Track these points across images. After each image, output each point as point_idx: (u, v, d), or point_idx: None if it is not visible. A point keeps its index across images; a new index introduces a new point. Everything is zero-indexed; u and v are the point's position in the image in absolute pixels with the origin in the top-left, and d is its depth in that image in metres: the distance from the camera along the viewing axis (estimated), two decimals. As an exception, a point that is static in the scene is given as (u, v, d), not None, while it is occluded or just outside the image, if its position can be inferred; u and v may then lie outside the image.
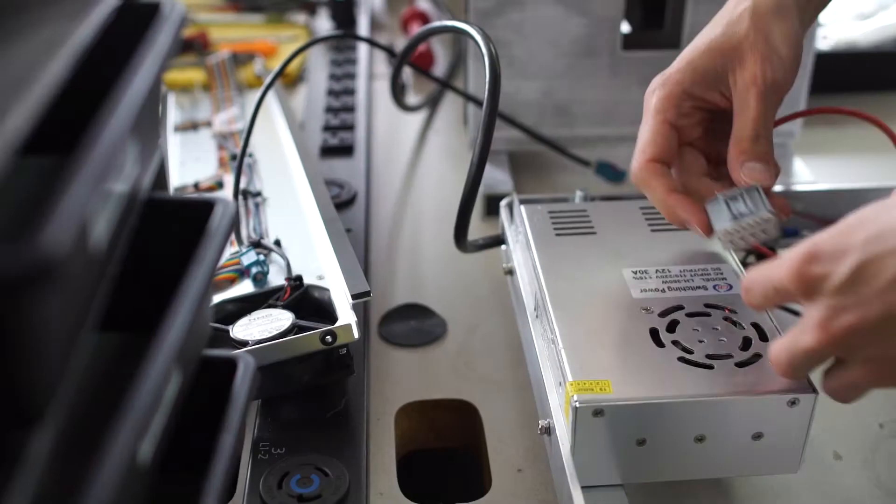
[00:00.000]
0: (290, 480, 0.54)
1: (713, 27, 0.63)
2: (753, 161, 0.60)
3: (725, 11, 0.63)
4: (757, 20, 0.60)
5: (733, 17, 0.61)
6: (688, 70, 0.63)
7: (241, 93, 1.02)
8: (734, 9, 0.62)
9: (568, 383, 0.52)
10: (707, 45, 0.62)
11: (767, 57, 0.60)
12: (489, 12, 0.87)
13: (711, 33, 0.62)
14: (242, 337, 0.59)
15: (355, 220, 0.81)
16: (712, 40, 0.62)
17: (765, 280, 0.51)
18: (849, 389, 0.51)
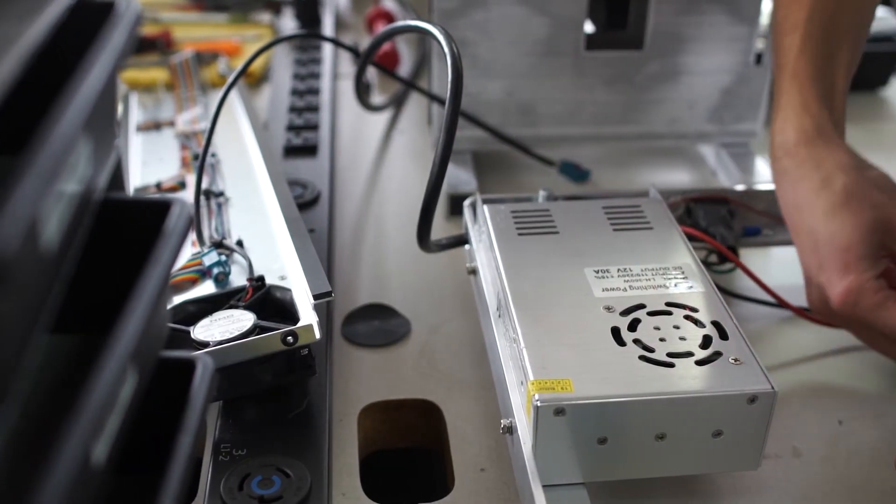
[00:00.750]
0: (251, 482, 0.54)
1: (840, 217, 0.65)
2: None
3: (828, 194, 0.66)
4: (861, 183, 0.65)
5: (842, 192, 0.65)
6: (865, 264, 0.64)
7: (205, 92, 1.02)
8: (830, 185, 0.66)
9: (529, 382, 0.52)
10: (859, 233, 0.64)
11: (886, 203, 0.65)
12: (453, 12, 0.87)
13: (847, 222, 0.64)
14: (203, 338, 0.58)
15: (318, 220, 0.81)
16: (856, 227, 0.64)
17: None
18: None
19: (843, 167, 0.66)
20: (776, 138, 0.71)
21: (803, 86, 0.70)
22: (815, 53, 0.71)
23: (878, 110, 1.15)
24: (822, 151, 0.67)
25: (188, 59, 1.08)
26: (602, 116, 0.95)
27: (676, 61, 0.92)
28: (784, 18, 0.73)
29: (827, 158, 0.67)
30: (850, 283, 0.64)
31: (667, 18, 0.90)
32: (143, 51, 1.18)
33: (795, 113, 0.70)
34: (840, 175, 0.66)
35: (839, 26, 0.72)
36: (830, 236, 0.65)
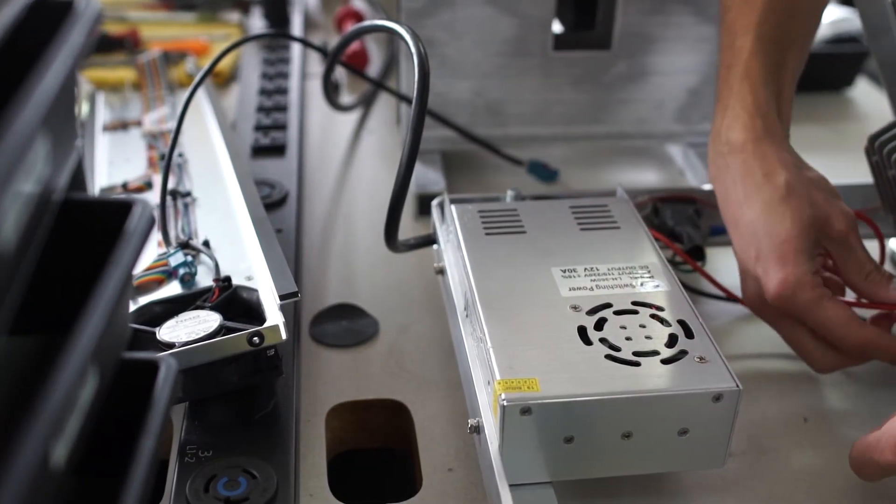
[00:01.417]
0: (216, 483, 0.53)
1: (780, 212, 0.66)
2: (893, 282, 0.65)
3: (770, 190, 0.67)
4: (801, 180, 0.67)
5: (784, 189, 0.66)
6: (802, 258, 0.65)
7: (173, 92, 1.01)
8: (772, 182, 0.67)
9: (496, 382, 0.52)
10: (797, 228, 0.65)
11: (835, 203, 0.66)
12: (420, 12, 0.87)
13: (788, 217, 0.65)
14: (169, 339, 0.58)
15: (286, 220, 0.81)
16: (795, 222, 0.65)
17: (873, 464, 0.56)
18: None
19: (787, 165, 0.67)
20: (723, 135, 0.71)
21: (755, 87, 0.71)
22: (766, 57, 0.72)
23: (844, 110, 1.16)
24: (768, 149, 0.69)
25: (156, 58, 1.07)
26: (570, 116, 0.95)
27: (644, 61, 0.93)
28: (735, 20, 0.74)
29: (771, 155, 0.68)
30: (787, 275, 0.65)
31: (634, 19, 0.90)
32: (110, 50, 1.17)
33: (747, 113, 0.70)
34: (782, 171, 0.67)
35: (789, 32, 0.73)
36: (769, 228, 0.66)
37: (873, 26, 0.74)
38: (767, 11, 0.72)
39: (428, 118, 0.91)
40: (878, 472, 0.57)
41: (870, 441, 0.56)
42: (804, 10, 0.74)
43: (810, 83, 1.15)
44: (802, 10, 0.74)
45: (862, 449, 0.57)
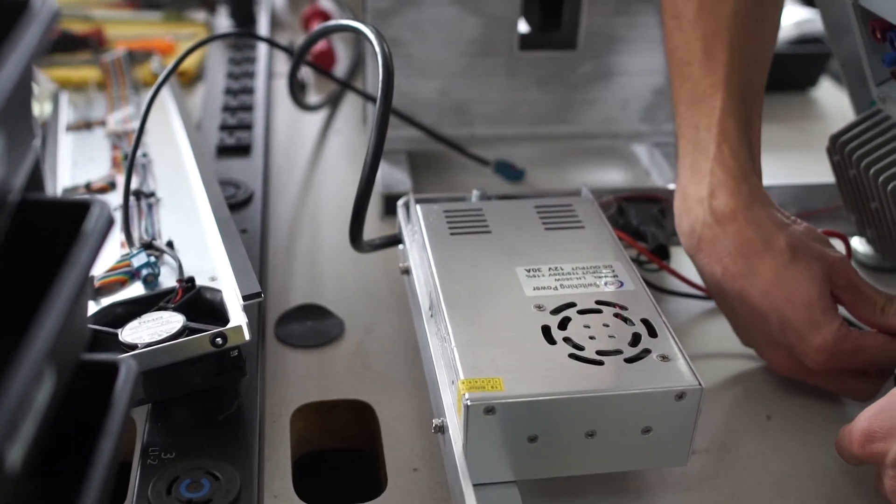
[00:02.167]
0: (179, 485, 0.53)
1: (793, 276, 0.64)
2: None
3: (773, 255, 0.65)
4: (799, 240, 0.65)
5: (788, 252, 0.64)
6: (828, 317, 0.64)
7: (138, 91, 1.00)
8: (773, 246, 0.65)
9: (459, 381, 0.52)
10: (815, 289, 0.64)
11: (831, 253, 0.65)
12: (386, 11, 0.87)
13: (802, 280, 0.64)
14: (131, 340, 0.57)
15: (251, 220, 0.80)
16: (812, 284, 0.64)
17: (847, 451, 0.58)
18: None
19: (781, 227, 0.65)
20: (706, 203, 0.67)
21: (734, 149, 0.68)
22: (738, 114, 0.69)
23: (808, 111, 1.17)
24: (760, 214, 0.66)
25: (120, 57, 1.07)
26: (536, 116, 0.96)
27: (609, 61, 0.93)
28: (701, 77, 0.70)
29: (765, 220, 0.66)
30: (826, 338, 0.63)
31: (600, 19, 0.91)
32: (74, 49, 1.16)
33: (733, 178, 0.67)
34: (780, 234, 0.65)
35: (753, 85, 0.71)
36: (788, 295, 0.64)
37: (834, 27, 0.75)
38: (732, 67, 0.69)
39: (394, 118, 0.91)
40: (852, 461, 0.58)
41: (844, 431, 0.58)
42: (762, 61, 0.72)
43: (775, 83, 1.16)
44: (761, 61, 0.72)
45: (840, 437, 0.58)
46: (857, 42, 0.70)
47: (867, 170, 0.67)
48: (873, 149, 0.68)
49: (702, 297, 0.76)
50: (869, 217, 0.72)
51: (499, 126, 0.95)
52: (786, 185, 0.89)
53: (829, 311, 0.63)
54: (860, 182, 0.70)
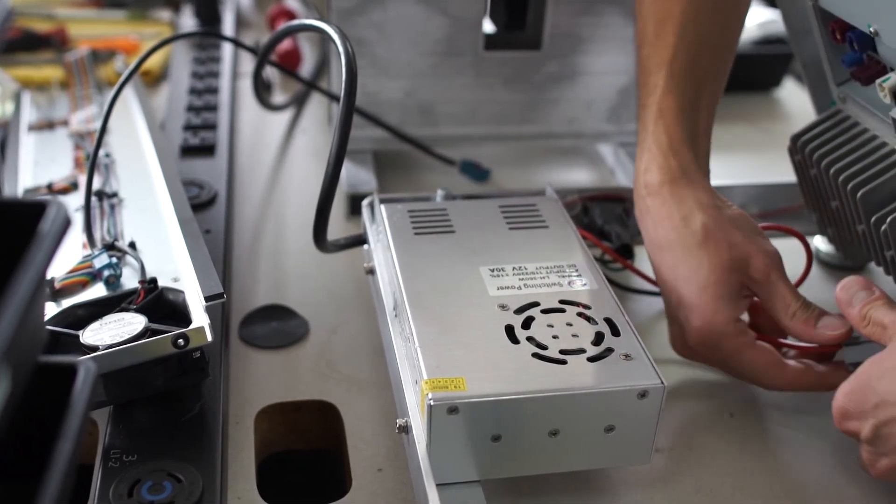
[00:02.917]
0: (141, 488, 0.53)
1: (698, 258, 0.65)
2: (821, 319, 0.64)
3: (686, 234, 0.66)
4: (719, 222, 0.65)
5: (701, 233, 0.65)
6: (722, 306, 0.64)
7: (101, 91, 1.00)
8: (689, 225, 0.66)
9: (423, 381, 0.52)
10: (715, 275, 0.64)
11: (755, 242, 0.65)
12: (351, 11, 0.87)
13: (705, 263, 0.65)
14: (93, 342, 0.57)
15: (215, 220, 0.80)
16: (713, 268, 0.64)
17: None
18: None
19: (703, 206, 0.66)
20: (640, 177, 0.70)
21: (669, 127, 0.70)
22: (680, 94, 0.70)
23: (772, 111, 1.18)
24: (685, 190, 0.67)
25: (84, 56, 1.06)
26: (502, 116, 0.96)
27: (574, 62, 0.93)
28: (648, 57, 0.72)
29: (688, 197, 0.67)
30: (707, 325, 0.64)
31: (564, 19, 0.91)
32: (36, 48, 1.15)
33: (662, 154, 0.69)
34: (699, 213, 0.66)
35: (702, 67, 0.71)
36: (688, 274, 0.65)
37: (795, 28, 0.75)
38: (678, 48, 0.70)
39: (359, 118, 0.91)
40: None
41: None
42: (717, 45, 0.72)
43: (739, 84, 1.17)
44: (715, 45, 0.72)
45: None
46: (817, 43, 0.70)
47: (827, 169, 0.68)
48: (833, 148, 0.69)
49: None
50: (830, 216, 0.73)
51: (464, 126, 0.95)
52: (749, 184, 0.90)
53: (722, 299, 0.64)
54: (821, 181, 0.71)
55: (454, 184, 0.92)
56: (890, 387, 0.54)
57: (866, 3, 0.62)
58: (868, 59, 0.65)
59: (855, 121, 0.69)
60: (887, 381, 0.54)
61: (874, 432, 0.55)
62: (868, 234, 0.66)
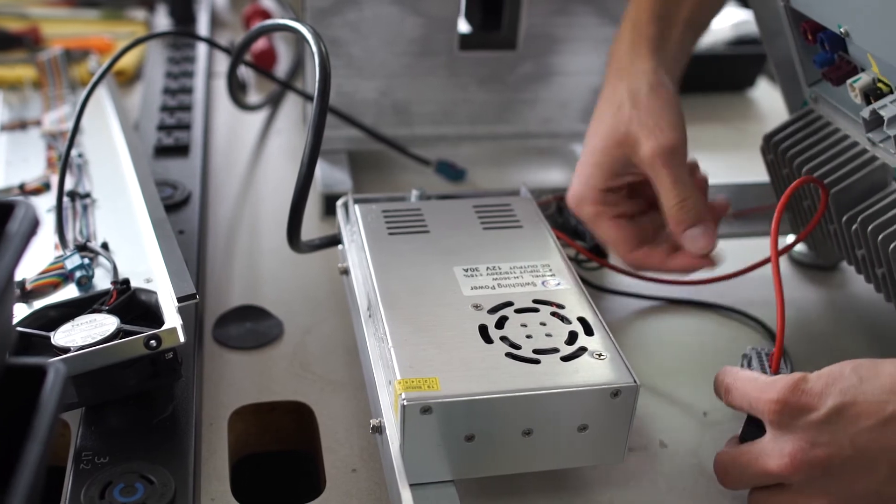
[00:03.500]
0: (112, 490, 0.52)
1: (600, 123, 0.69)
2: (690, 228, 0.66)
3: (605, 103, 0.69)
4: (635, 101, 0.67)
5: (615, 106, 0.68)
6: (596, 172, 0.68)
7: (74, 91, 0.99)
8: (613, 97, 0.69)
9: (396, 381, 0.52)
10: (602, 142, 0.68)
11: (654, 128, 0.66)
12: (326, 11, 0.87)
13: (601, 129, 0.68)
14: (64, 343, 0.57)
15: (189, 221, 0.79)
16: (605, 136, 0.68)
17: (745, 396, 0.55)
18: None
19: (632, 84, 0.68)
20: (610, 50, 0.74)
21: (639, 7, 0.72)
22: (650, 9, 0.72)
23: (745, 111, 1.18)
24: (626, 65, 0.70)
25: (57, 56, 1.05)
26: (477, 116, 0.96)
27: (549, 62, 0.94)
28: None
29: (626, 74, 0.70)
30: (576, 187, 0.70)
31: (539, 20, 0.91)
32: (9, 47, 1.14)
33: (625, 29, 0.72)
34: (623, 90, 0.68)
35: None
36: (586, 140, 0.70)
37: (768, 28, 0.76)
38: None
39: (334, 118, 0.91)
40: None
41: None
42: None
43: (713, 84, 1.18)
44: None
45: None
46: (789, 43, 0.71)
47: (799, 169, 0.68)
48: (805, 148, 0.69)
49: (638, 295, 0.77)
50: (802, 215, 0.73)
51: (439, 126, 0.95)
52: (723, 184, 0.90)
53: (597, 166, 0.68)
54: (793, 181, 0.71)
55: (430, 184, 0.92)
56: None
57: (837, 4, 0.62)
58: (839, 60, 0.66)
59: (827, 121, 0.70)
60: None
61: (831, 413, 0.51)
62: (839, 234, 0.67)
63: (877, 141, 0.63)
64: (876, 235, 0.61)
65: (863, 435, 0.50)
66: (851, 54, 0.64)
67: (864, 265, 0.66)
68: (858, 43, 0.61)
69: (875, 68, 0.62)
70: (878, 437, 0.49)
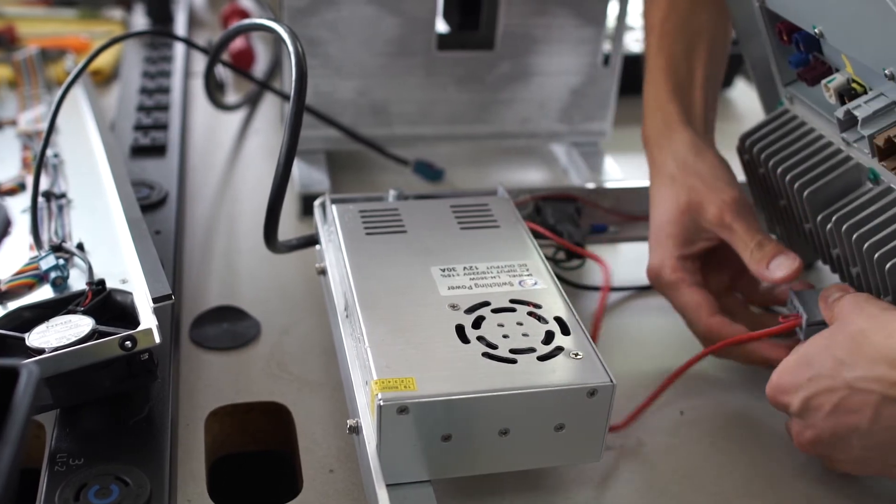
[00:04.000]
0: (87, 492, 0.52)
1: (660, 199, 0.72)
2: (774, 260, 0.67)
3: (657, 180, 0.73)
4: (684, 170, 0.71)
5: (667, 179, 0.71)
6: (669, 243, 0.70)
7: (51, 90, 0.98)
8: (661, 172, 0.72)
9: (373, 382, 0.52)
10: (668, 215, 0.71)
11: (713, 189, 0.69)
12: (303, 10, 0.86)
13: (663, 204, 0.71)
14: (39, 345, 0.56)
15: (166, 221, 0.79)
16: (669, 210, 0.71)
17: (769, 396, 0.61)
18: None
19: (676, 156, 0.71)
20: (642, 134, 0.76)
21: (657, 82, 0.75)
22: (670, 51, 0.75)
23: (724, 111, 1.17)
24: (664, 141, 0.73)
25: (33, 55, 1.04)
26: (455, 116, 0.96)
27: (527, 62, 0.94)
28: (645, 20, 0.78)
29: (667, 148, 0.72)
30: (654, 260, 0.71)
31: (517, 20, 0.91)
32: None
33: (651, 109, 0.75)
34: (670, 162, 0.71)
35: (693, 23, 0.76)
36: (653, 215, 0.72)
37: (743, 29, 0.76)
38: (670, 9, 0.75)
39: (312, 118, 0.90)
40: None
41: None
42: (708, 2, 0.76)
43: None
44: (706, 2, 0.76)
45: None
46: (764, 44, 0.71)
47: (775, 168, 0.69)
48: (780, 148, 0.70)
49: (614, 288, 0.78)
50: (778, 215, 0.74)
51: (417, 126, 0.95)
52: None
53: (672, 237, 0.70)
54: (769, 180, 0.71)
55: (408, 184, 0.92)
56: (825, 362, 0.56)
57: (811, 5, 0.62)
58: (814, 60, 0.66)
59: (802, 121, 0.70)
60: (822, 357, 0.56)
61: (804, 404, 0.57)
62: (815, 233, 0.67)
63: (851, 141, 0.64)
64: (850, 234, 0.61)
65: (830, 417, 0.56)
66: (826, 55, 0.65)
67: (840, 264, 0.66)
68: (833, 43, 0.62)
69: (849, 69, 0.62)
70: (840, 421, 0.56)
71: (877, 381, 0.53)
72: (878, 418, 0.53)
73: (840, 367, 0.55)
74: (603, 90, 0.97)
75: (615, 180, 0.94)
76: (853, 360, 0.54)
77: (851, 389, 0.54)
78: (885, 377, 0.52)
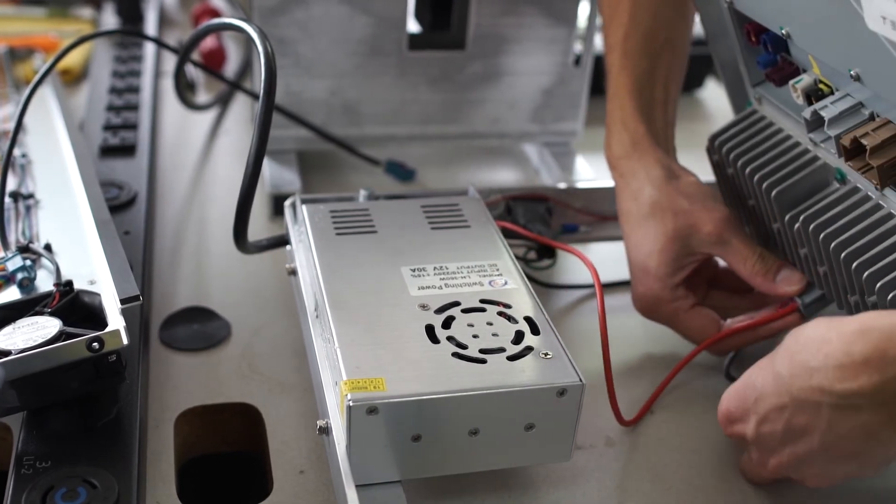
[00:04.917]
0: (54, 495, 0.52)
1: (642, 228, 0.70)
2: (780, 273, 0.68)
3: (637, 208, 0.70)
4: (666, 193, 0.69)
5: (648, 206, 0.69)
6: (662, 272, 0.69)
7: (19, 90, 0.98)
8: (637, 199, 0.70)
9: (342, 382, 0.52)
10: (658, 244, 0.69)
11: (703, 208, 0.69)
12: (274, 10, 0.86)
13: (650, 233, 0.69)
14: (5, 346, 0.56)
15: (135, 222, 0.79)
16: (657, 237, 0.69)
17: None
18: None
19: (652, 179, 0.70)
20: (606, 154, 0.75)
21: (622, 103, 0.74)
22: (632, 70, 0.74)
23: (695, 111, 1.20)
24: (636, 164, 0.71)
25: (1, 54, 1.04)
26: (426, 116, 0.96)
27: (498, 62, 0.94)
28: (606, 38, 0.77)
29: (639, 171, 0.71)
30: (643, 291, 0.70)
31: (488, 20, 0.91)
32: None
33: (616, 129, 0.74)
34: (648, 187, 0.70)
35: (655, 41, 0.75)
36: (636, 244, 0.70)
37: (712, 30, 0.76)
38: (630, 27, 0.75)
39: (283, 117, 0.90)
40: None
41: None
42: (670, 19, 0.76)
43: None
44: (668, 19, 0.76)
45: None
46: (733, 45, 0.72)
47: (744, 168, 0.69)
48: (749, 148, 0.70)
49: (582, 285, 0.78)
50: (747, 214, 0.74)
51: (389, 126, 0.95)
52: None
53: (663, 265, 0.69)
54: (738, 180, 0.72)
55: (379, 184, 0.92)
56: (766, 379, 0.55)
57: (778, 6, 0.63)
58: (782, 61, 0.66)
59: (770, 121, 0.71)
60: (764, 376, 0.56)
61: (757, 430, 0.56)
62: (782, 232, 0.68)
63: (818, 141, 0.64)
64: (818, 234, 0.62)
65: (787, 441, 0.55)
66: (793, 56, 0.65)
67: (807, 263, 0.66)
68: (799, 44, 0.62)
69: (816, 70, 0.63)
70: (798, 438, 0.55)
71: (818, 391, 0.51)
72: (831, 427, 0.52)
73: (781, 382, 0.54)
74: (574, 90, 0.97)
75: (586, 180, 0.95)
76: (792, 372, 0.53)
77: (797, 402, 0.53)
78: (824, 387, 0.51)
